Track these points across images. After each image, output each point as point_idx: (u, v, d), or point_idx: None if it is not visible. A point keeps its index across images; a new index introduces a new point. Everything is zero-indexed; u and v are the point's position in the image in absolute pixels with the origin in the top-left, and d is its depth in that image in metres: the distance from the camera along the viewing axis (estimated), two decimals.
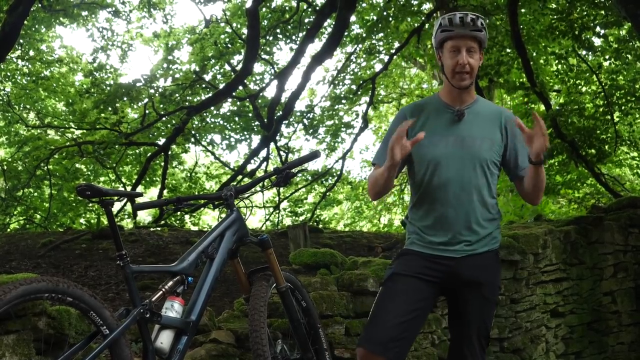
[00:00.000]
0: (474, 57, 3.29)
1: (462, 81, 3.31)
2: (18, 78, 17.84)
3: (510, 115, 3.40)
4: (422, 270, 3.35)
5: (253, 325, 3.26)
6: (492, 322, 3.42)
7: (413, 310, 3.30)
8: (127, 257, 2.97)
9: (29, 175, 14.47)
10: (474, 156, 3.31)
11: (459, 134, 3.34)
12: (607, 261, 7.19)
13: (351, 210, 24.38)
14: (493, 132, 3.36)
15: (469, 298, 3.35)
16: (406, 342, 3.30)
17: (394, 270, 3.44)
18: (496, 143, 3.35)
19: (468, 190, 3.30)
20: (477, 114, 3.38)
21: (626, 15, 7.47)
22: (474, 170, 3.31)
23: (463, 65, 3.27)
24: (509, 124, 3.37)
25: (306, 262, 5.72)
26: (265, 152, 14.36)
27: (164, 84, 14.31)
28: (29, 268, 7.30)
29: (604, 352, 6.99)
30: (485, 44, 3.35)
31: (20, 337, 3.09)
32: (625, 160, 16.80)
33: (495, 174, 3.38)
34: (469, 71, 3.29)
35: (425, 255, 3.37)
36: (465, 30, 3.25)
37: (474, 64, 3.29)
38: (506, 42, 11.94)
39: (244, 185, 3.65)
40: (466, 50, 3.27)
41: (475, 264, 3.33)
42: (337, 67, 16.99)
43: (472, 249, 3.33)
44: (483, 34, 3.28)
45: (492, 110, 3.43)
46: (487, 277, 3.35)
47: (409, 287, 3.34)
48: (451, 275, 3.34)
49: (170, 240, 9.49)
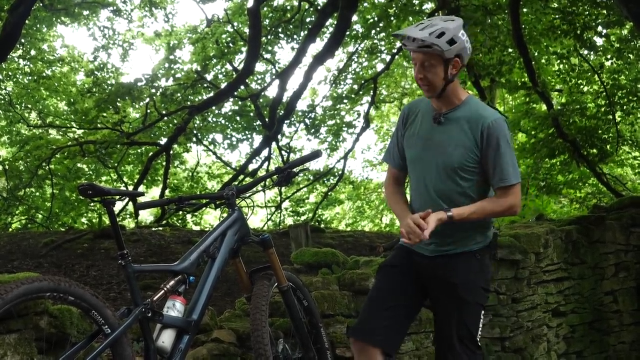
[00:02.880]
0: (430, 70, 3.24)
1: (427, 92, 3.34)
2: (19, 77, 17.87)
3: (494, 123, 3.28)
4: (406, 264, 3.47)
5: (254, 325, 3.26)
6: (478, 324, 3.37)
7: (397, 299, 3.41)
8: (129, 257, 2.97)
9: (30, 175, 14.47)
10: (443, 161, 3.32)
11: (434, 138, 3.37)
12: (608, 261, 7.19)
13: (353, 210, 24.39)
14: (467, 138, 3.30)
15: (444, 298, 3.40)
16: (391, 331, 3.38)
17: (384, 262, 3.63)
18: (469, 149, 3.30)
19: (433, 193, 3.35)
20: (456, 119, 3.35)
21: (628, 14, 7.47)
22: (442, 176, 3.33)
23: (417, 79, 3.30)
24: (488, 131, 3.27)
25: (308, 261, 5.71)
26: (267, 151, 14.38)
27: (166, 83, 14.33)
28: (30, 267, 7.31)
29: (605, 351, 6.98)
30: (447, 55, 3.21)
31: (22, 336, 3.09)
32: (627, 160, 16.79)
33: (472, 179, 3.33)
34: (427, 84, 3.28)
35: (409, 251, 3.49)
36: (414, 46, 3.22)
37: (431, 77, 3.25)
38: (508, 41, 11.92)
39: (245, 185, 3.65)
40: (421, 65, 3.26)
41: (447, 264, 3.36)
42: (339, 66, 17.00)
43: (443, 250, 3.37)
44: (434, 49, 3.18)
45: (474, 116, 3.33)
46: (460, 278, 3.34)
47: (393, 278, 3.47)
48: (428, 274, 3.42)
49: (171, 240, 9.50)
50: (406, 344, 4.93)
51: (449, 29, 3.21)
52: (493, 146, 3.26)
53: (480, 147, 3.29)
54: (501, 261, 5.94)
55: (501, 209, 3.33)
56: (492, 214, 3.38)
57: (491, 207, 3.32)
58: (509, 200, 3.31)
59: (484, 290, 3.43)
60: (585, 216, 7.58)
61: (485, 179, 3.35)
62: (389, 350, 3.39)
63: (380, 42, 15.33)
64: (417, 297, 3.51)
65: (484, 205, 3.32)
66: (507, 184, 3.28)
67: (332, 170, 17.13)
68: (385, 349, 3.36)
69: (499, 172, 3.27)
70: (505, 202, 3.31)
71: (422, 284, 3.47)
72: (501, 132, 3.27)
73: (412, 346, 4.99)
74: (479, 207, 3.30)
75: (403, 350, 4.90)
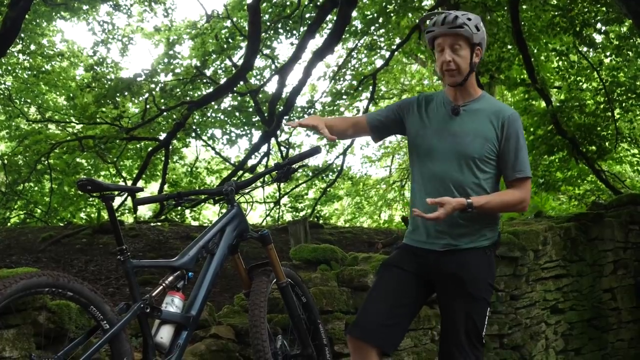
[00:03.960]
0: (459, 53, 3.29)
1: (452, 78, 3.35)
2: (19, 72, 17.81)
3: (513, 116, 3.38)
4: (409, 263, 3.45)
5: (253, 321, 3.26)
6: (484, 321, 3.38)
7: (398, 299, 3.38)
8: (128, 252, 2.98)
9: (29, 170, 14.47)
10: (461, 152, 3.32)
11: (451, 129, 3.38)
12: (607, 258, 7.20)
13: (352, 206, 24.37)
14: (487, 129, 3.35)
15: (452, 294, 3.37)
16: (392, 330, 3.37)
17: (386, 261, 3.58)
18: (489, 140, 3.34)
19: (450, 185, 3.33)
20: (475, 111, 3.39)
21: (627, 12, 7.47)
22: (459, 167, 3.33)
23: (447, 62, 3.30)
24: (507, 123, 3.35)
25: (306, 257, 5.73)
26: (266, 147, 14.39)
27: (165, 78, 14.32)
28: (29, 262, 7.31)
29: (603, 348, 7.00)
30: (474, 39, 3.31)
31: (21, 331, 3.09)
32: (626, 157, 16.76)
33: (488, 171, 3.36)
34: (455, 68, 3.31)
35: (413, 249, 3.47)
36: (445, 28, 3.27)
37: (459, 61, 3.30)
38: (507, 38, 11.92)
39: (244, 181, 3.65)
40: (450, 48, 3.29)
41: (457, 259, 3.35)
42: (338, 62, 16.98)
43: (454, 244, 3.36)
44: (465, 29, 3.26)
45: (493, 109, 3.41)
46: (470, 274, 3.34)
47: (396, 277, 3.43)
48: (434, 269, 3.39)
49: (170, 235, 9.50)
50: (405, 341, 4.93)
51: (474, 17, 3.32)
52: (513, 138, 3.33)
53: (500, 139, 3.34)
54: (500, 258, 5.95)
55: (515, 201, 3.36)
56: (506, 206, 3.40)
57: (507, 198, 3.36)
58: (522, 194, 3.36)
59: (491, 287, 3.45)
60: (584, 213, 7.58)
61: (498, 174, 3.40)
62: (386, 349, 3.37)
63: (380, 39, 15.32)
64: (419, 296, 3.50)
65: (500, 196, 3.36)
66: (523, 175, 3.34)
67: (331, 166, 17.14)
68: (382, 348, 3.34)
69: (517, 164, 3.34)
70: (519, 195, 3.36)
71: (425, 283, 3.45)
72: (519, 126, 3.37)
73: (410, 343, 5.00)
74: (495, 197, 3.33)
75: (401, 347, 4.90)
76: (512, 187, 3.38)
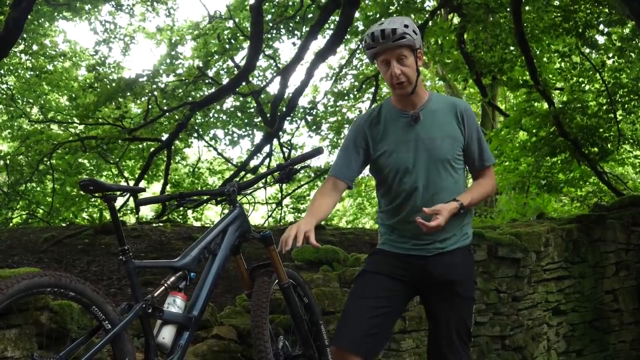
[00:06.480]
0: (405, 63, 3.27)
1: (403, 89, 3.33)
2: (21, 72, 17.86)
3: (467, 107, 3.44)
4: (392, 269, 3.43)
5: (255, 321, 3.26)
6: (472, 319, 3.44)
7: (381, 307, 3.37)
8: (130, 252, 2.98)
9: (31, 170, 14.48)
10: (436, 157, 3.33)
11: (418, 137, 3.35)
12: (609, 259, 7.19)
13: (353, 207, 24.38)
14: (451, 127, 3.37)
15: (444, 297, 3.39)
16: (377, 338, 3.37)
17: (365, 268, 3.55)
18: (456, 138, 3.37)
19: (436, 192, 3.33)
20: (433, 112, 3.39)
21: (630, 13, 7.47)
22: (439, 172, 3.34)
23: (398, 76, 3.28)
24: (465, 115, 3.38)
25: (308, 258, 5.72)
26: (268, 148, 14.37)
27: (167, 79, 14.32)
28: (31, 262, 7.30)
29: (605, 350, 6.99)
30: (416, 45, 3.28)
31: (23, 331, 3.09)
32: (628, 159, 16.75)
33: (460, 168, 3.42)
34: (406, 80, 3.29)
35: (396, 255, 3.44)
36: (388, 43, 3.23)
37: (408, 71, 3.28)
38: (509, 39, 11.92)
39: (246, 182, 3.65)
40: (396, 60, 3.27)
41: (446, 262, 3.36)
42: (341, 63, 16.98)
43: (442, 247, 3.37)
44: (407, 39, 3.23)
45: (447, 105, 3.42)
46: (459, 275, 3.37)
47: (378, 284, 3.41)
48: (423, 274, 3.39)
49: (172, 236, 9.49)
50: (406, 342, 4.93)
51: (408, 21, 3.30)
52: (474, 128, 3.40)
53: (464, 132, 3.38)
54: (502, 259, 5.95)
55: (491, 189, 3.48)
56: (485, 196, 3.48)
57: (485, 189, 3.44)
58: (492, 180, 3.48)
59: (475, 283, 3.49)
60: (586, 215, 7.57)
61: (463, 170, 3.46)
62: (369, 359, 3.38)
63: None
64: (401, 302, 3.50)
65: (479, 188, 3.41)
66: (491, 162, 3.46)
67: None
68: (366, 358, 3.34)
69: (483, 153, 3.44)
70: (492, 182, 3.48)
71: (408, 289, 3.45)
72: (474, 115, 3.45)
73: (412, 344, 4.99)
74: (475, 191, 3.38)
75: (403, 348, 4.90)
76: (481, 176, 3.46)
